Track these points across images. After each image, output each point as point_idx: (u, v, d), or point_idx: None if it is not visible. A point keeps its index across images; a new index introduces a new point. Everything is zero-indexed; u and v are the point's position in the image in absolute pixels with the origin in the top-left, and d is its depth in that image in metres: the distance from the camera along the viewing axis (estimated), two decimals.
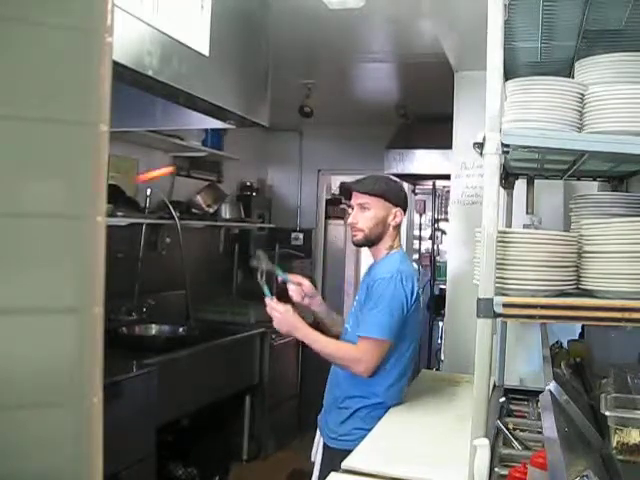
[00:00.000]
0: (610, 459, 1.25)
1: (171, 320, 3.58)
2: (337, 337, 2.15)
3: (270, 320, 2.07)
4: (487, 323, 1.25)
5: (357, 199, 2.09)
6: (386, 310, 1.96)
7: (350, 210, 2.15)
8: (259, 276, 2.12)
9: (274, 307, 2.04)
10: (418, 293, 2.05)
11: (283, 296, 2.16)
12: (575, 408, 1.49)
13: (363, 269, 6.02)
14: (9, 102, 0.60)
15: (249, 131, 4.13)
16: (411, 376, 2.24)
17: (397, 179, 2.36)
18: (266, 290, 2.07)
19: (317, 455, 2.15)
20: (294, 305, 2.15)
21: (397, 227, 2.13)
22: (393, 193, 2.12)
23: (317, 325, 2.21)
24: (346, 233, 5.80)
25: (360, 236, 2.10)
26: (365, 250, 2.26)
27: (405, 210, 2.15)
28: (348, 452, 1.76)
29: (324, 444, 2.12)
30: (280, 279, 2.23)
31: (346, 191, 2.16)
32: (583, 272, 1.35)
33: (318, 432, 2.19)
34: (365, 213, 2.08)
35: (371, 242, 2.11)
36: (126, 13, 1.06)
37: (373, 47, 3.19)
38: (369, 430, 1.91)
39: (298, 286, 2.20)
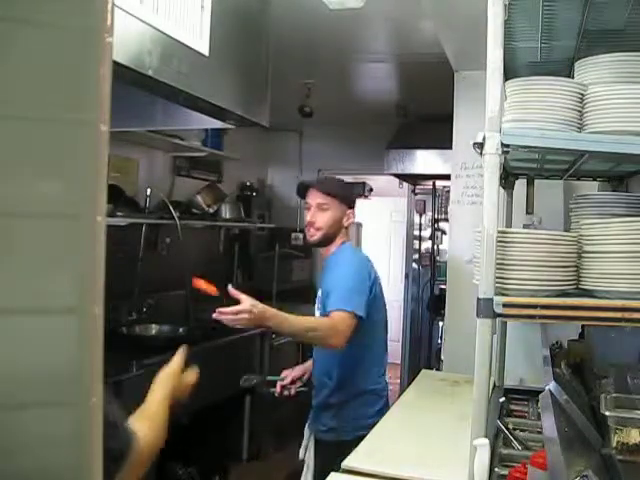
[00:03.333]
0: (610, 459, 1.25)
1: (171, 320, 3.58)
2: None
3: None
4: (487, 323, 1.25)
5: (316, 199, 2.18)
6: (352, 287, 2.04)
7: (307, 210, 2.23)
8: (261, 389, 2.34)
9: (231, 311, 1.91)
10: (376, 277, 2.15)
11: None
12: (575, 408, 1.49)
13: None
14: (9, 102, 0.60)
15: (249, 131, 4.14)
16: (386, 364, 2.30)
17: (351, 182, 2.51)
18: (273, 390, 2.31)
19: (309, 452, 2.17)
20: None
21: (348, 228, 2.26)
22: (349, 196, 2.26)
23: None
24: None
25: (318, 235, 2.18)
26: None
27: (354, 209, 2.27)
28: (342, 442, 1.80)
29: (315, 440, 2.14)
30: (279, 383, 2.35)
31: (303, 190, 2.23)
32: (583, 272, 1.35)
33: (306, 432, 2.22)
34: (324, 213, 2.16)
35: (326, 241, 2.20)
36: (126, 13, 1.06)
37: (373, 47, 3.19)
38: (363, 419, 2.01)
39: (292, 383, 2.34)
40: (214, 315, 1.93)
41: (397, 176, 4.91)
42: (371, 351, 2.15)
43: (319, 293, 2.22)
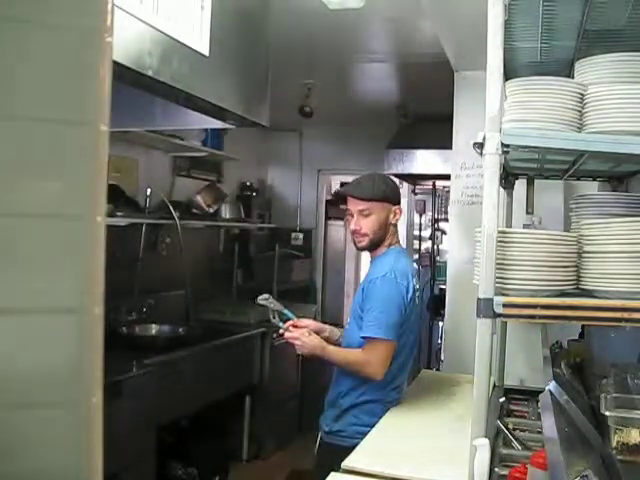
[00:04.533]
0: (610, 459, 1.25)
1: (171, 320, 3.58)
2: None
3: (294, 347, 2.09)
4: (487, 323, 1.25)
5: (356, 206, 2.06)
6: (385, 310, 1.96)
7: (350, 215, 2.11)
8: (272, 316, 2.17)
9: (292, 335, 2.07)
10: (414, 289, 2.04)
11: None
12: (575, 408, 1.49)
13: (363, 269, 6.02)
14: (9, 102, 0.60)
15: (249, 131, 4.14)
16: (410, 374, 2.24)
17: (389, 176, 2.30)
18: (282, 325, 2.14)
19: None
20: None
21: (396, 224, 2.14)
22: (392, 193, 2.11)
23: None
24: (346, 233, 5.80)
25: (365, 242, 2.08)
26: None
27: (400, 204, 2.15)
28: (342, 448, 1.77)
29: (321, 438, 2.13)
30: (290, 322, 2.20)
31: (342, 199, 2.16)
32: (583, 272, 1.35)
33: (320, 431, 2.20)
34: (367, 218, 2.05)
35: (376, 245, 2.10)
36: (126, 13, 1.06)
37: (373, 47, 3.19)
38: (363, 426, 1.93)
39: (303, 328, 2.16)
40: (285, 329, 2.11)
41: (397, 176, 4.89)
42: (393, 367, 2.04)
43: (359, 289, 2.17)
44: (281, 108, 2.91)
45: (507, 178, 2.03)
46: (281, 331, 2.12)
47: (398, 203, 2.12)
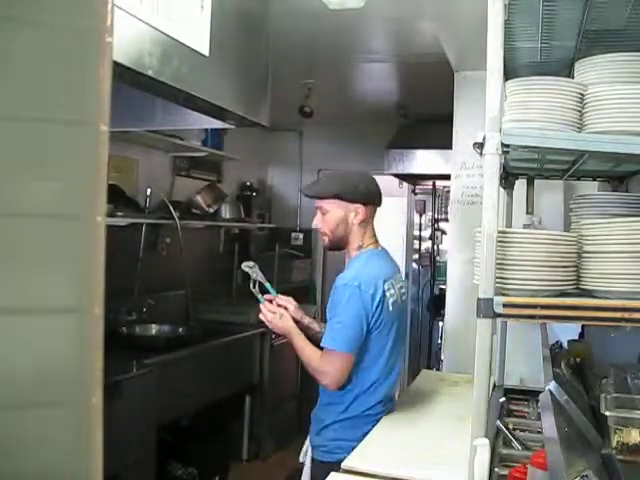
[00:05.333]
0: (610, 459, 1.25)
1: (171, 320, 3.58)
2: None
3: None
4: (487, 323, 1.25)
5: (316, 203, 2.03)
6: (343, 321, 1.87)
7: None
8: (251, 284, 2.12)
9: (265, 313, 2.05)
10: (383, 296, 1.91)
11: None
12: (575, 408, 1.49)
13: None
14: (9, 102, 0.60)
15: (249, 131, 4.12)
16: (399, 378, 2.16)
17: (363, 174, 2.11)
18: (260, 298, 2.10)
19: (307, 457, 2.13)
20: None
21: (363, 224, 2.00)
22: (348, 191, 1.98)
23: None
24: None
25: (326, 241, 2.04)
26: None
27: (370, 204, 2.01)
28: (325, 463, 1.75)
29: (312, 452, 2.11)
30: (268, 296, 2.15)
31: (307, 198, 2.12)
32: (583, 272, 1.35)
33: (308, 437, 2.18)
34: (325, 216, 2.00)
35: (338, 245, 2.04)
36: (126, 13, 1.06)
37: (373, 47, 3.19)
38: (343, 441, 1.86)
39: (280, 308, 2.09)
40: (262, 299, 2.10)
41: (397, 176, 4.91)
42: (366, 379, 1.96)
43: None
44: (281, 108, 2.91)
45: (507, 178, 2.03)
46: (260, 305, 2.08)
47: (360, 202, 1.98)
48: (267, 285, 2.18)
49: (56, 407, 0.62)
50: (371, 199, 2.02)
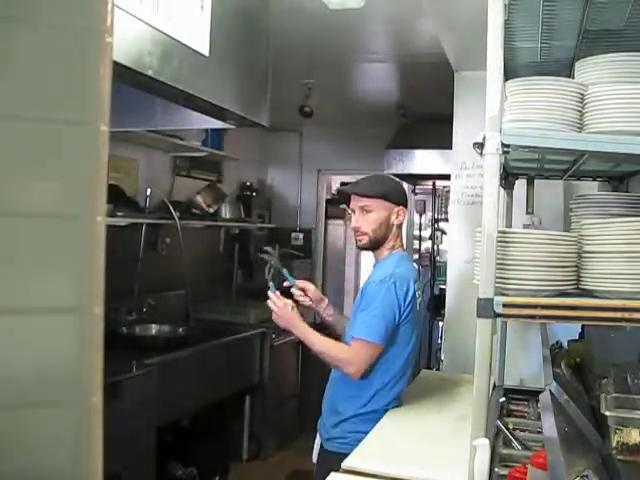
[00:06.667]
0: (610, 459, 1.25)
1: (171, 320, 3.58)
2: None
3: (271, 314, 2.09)
4: (487, 323, 1.25)
5: (357, 202, 2.05)
6: (378, 313, 1.93)
7: (351, 214, 2.09)
8: (267, 271, 2.12)
9: (274, 301, 2.06)
10: (414, 295, 2.00)
11: (287, 296, 2.17)
12: (575, 408, 1.49)
13: (363, 269, 6.02)
14: (9, 102, 0.60)
15: (249, 131, 4.14)
16: (410, 379, 2.21)
17: (395, 177, 2.27)
18: (272, 286, 2.09)
19: (316, 456, 2.15)
20: (297, 303, 2.16)
21: (400, 226, 2.10)
22: (393, 192, 2.08)
23: (318, 326, 2.20)
24: (346, 233, 5.80)
25: (365, 240, 2.05)
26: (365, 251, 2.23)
27: (406, 207, 2.11)
28: (341, 455, 1.75)
29: (321, 445, 2.12)
30: (286, 283, 2.20)
31: (344, 196, 2.12)
32: (583, 272, 1.35)
33: (318, 434, 2.19)
34: (367, 216, 2.03)
35: (376, 245, 2.07)
36: (126, 13, 1.06)
37: (373, 47, 3.19)
38: (363, 433, 1.88)
39: (302, 292, 2.19)
40: (272, 287, 2.11)
41: (397, 176, 4.88)
42: (387, 373, 2.01)
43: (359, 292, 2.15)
44: (281, 108, 2.91)
45: (507, 178, 2.03)
46: (269, 292, 2.09)
47: (402, 204, 2.07)
48: (284, 271, 2.18)
49: (56, 407, 0.62)
50: (406, 202, 2.12)
